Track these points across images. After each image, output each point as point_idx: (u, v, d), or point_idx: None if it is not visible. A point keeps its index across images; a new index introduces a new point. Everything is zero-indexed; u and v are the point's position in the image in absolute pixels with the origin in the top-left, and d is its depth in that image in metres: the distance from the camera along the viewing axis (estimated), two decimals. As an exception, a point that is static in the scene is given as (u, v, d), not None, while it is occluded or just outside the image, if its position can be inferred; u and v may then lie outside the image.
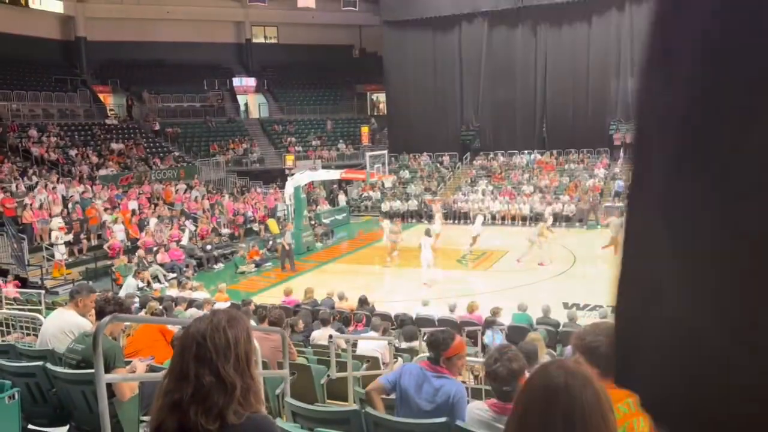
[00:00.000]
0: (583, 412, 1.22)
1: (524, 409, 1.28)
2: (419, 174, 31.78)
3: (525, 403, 1.29)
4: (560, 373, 1.28)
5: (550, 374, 1.29)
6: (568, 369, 1.31)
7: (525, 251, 18.53)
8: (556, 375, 1.28)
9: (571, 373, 1.29)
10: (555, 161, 30.33)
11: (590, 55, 29.84)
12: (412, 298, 14.25)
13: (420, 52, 33.34)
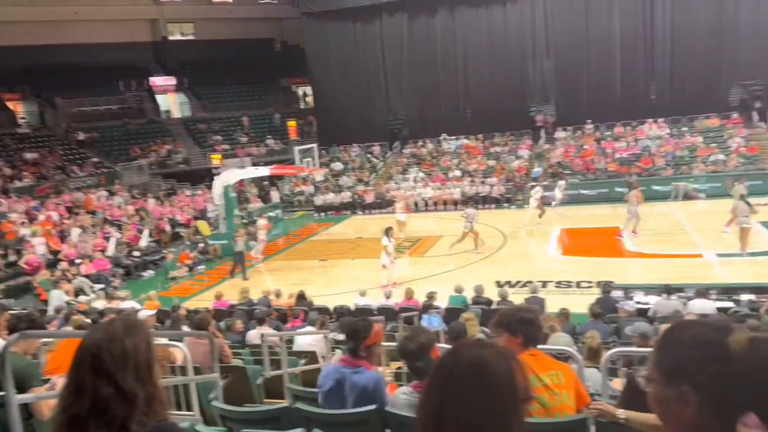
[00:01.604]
0: (492, 386, 1.24)
1: (431, 384, 1.29)
2: (351, 165, 31.74)
3: (433, 379, 1.30)
4: (470, 349, 1.29)
5: (460, 351, 1.31)
6: (480, 345, 1.32)
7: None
8: (466, 351, 1.29)
9: (483, 348, 1.30)
10: (481, 145, 30.95)
11: (507, 39, 30.55)
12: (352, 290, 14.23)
13: (342, 43, 33.19)
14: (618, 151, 27.13)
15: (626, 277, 13.71)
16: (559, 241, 18.64)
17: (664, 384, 1.22)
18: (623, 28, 28.66)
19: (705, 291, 10.21)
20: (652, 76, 29.15)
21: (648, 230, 18.72)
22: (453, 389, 1.24)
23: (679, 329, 1.28)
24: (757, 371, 1.13)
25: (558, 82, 30.27)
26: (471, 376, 1.24)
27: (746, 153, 24.97)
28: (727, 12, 27.20)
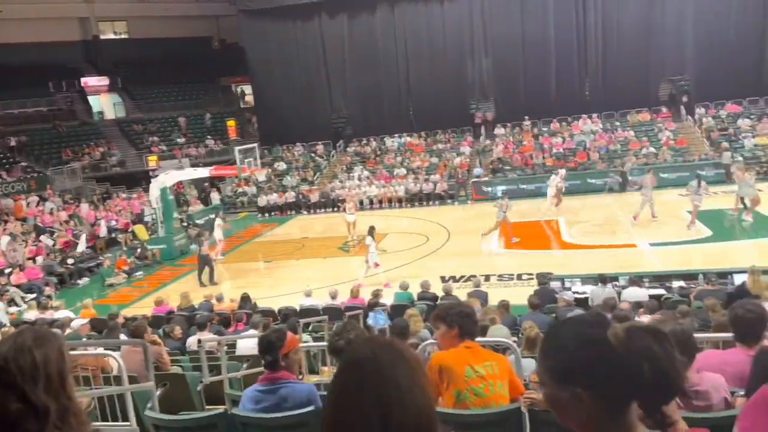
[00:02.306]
0: (388, 384, 1.22)
1: (333, 384, 1.28)
2: (294, 165, 31.44)
3: (334, 379, 1.29)
4: (367, 347, 1.29)
5: (356, 349, 1.31)
6: (377, 343, 1.32)
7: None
8: (363, 349, 1.28)
9: (378, 346, 1.30)
10: (424, 142, 31.24)
11: (446, 38, 30.95)
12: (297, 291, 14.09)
13: (282, 41, 32.81)
14: (555, 146, 27.91)
15: (564, 268, 14.11)
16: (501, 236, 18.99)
17: (556, 387, 1.24)
18: (557, 28, 29.49)
19: (638, 279, 10.62)
20: (586, 73, 30.13)
21: (584, 222, 19.35)
22: (351, 384, 1.22)
23: (560, 332, 1.30)
24: (636, 361, 1.17)
25: (496, 79, 30.88)
26: (369, 371, 1.22)
27: (675, 146, 26.13)
28: (654, 10, 28.38)
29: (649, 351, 1.19)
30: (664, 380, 1.18)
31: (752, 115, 27.00)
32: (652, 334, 1.22)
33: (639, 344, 1.19)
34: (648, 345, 1.19)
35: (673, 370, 1.20)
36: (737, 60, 27.53)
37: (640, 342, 1.20)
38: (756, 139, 25.24)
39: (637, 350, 1.19)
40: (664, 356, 1.19)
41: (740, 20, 27.53)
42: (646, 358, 1.18)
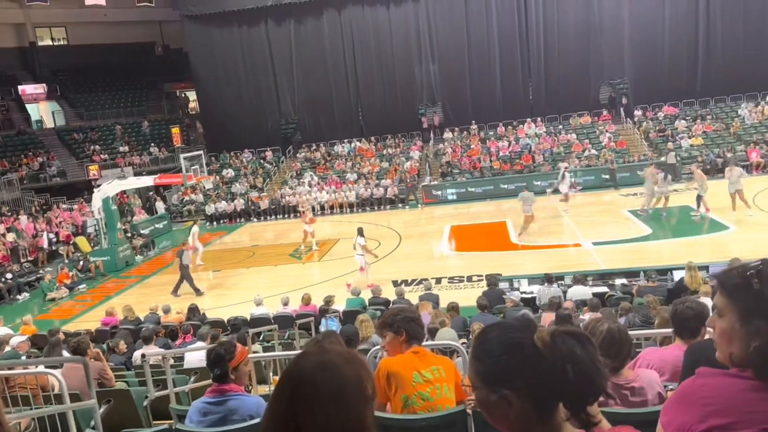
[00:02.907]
0: (341, 389, 1.25)
1: (279, 394, 1.29)
2: (243, 172, 31.02)
3: (280, 389, 1.30)
4: (315, 356, 1.30)
5: (305, 358, 1.32)
6: (324, 351, 1.33)
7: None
8: (311, 358, 1.30)
9: (327, 353, 1.31)
10: (374, 147, 31.35)
11: (394, 43, 31.16)
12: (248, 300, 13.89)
13: (228, 46, 32.35)
14: (501, 149, 28.47)
15: (513, 268, 14.39)
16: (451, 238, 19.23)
17: (485, 390, 1.28)
18: (501, 34, 30.13)
19: (582, 278, 10.94)
20: (529, 77, 30.87)
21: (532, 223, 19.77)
22: (301, 396, 1.24)
23: (489, 336, 1.34)
24: (560, 363, 1.22)
25: (443, 84, 31.29)
26: (319, 379, 1.26)
27: (616, 147, 27.04)
28: (592, 15, 29.33)
29: (572, 354, 1.23)
30: (586, 382, 1.23)
31: (687, 117, 28.21)
32: (575, 338, 1.27)
33: (563, 347, 1.24)
34: (571, 348, 1.24)
35: (595, 372, 1.24)
36: (672, 64, 28.76)
37: (564, 345, 1.24)
38: (692, 139, 26.39)
39: (561, 353, 1.23)
40: (587, 359, 1.24)
41: (674, 26, 28.76)
42: (569, 360, 1.22)
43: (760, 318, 1.28)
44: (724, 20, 28.31)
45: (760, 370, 1.27)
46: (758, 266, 1.33)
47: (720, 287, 1.38)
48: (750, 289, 1.31)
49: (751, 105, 27.73)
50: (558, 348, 1.24)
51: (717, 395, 1.29)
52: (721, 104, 28.81)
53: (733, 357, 1.33)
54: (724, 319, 1.36)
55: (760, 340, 1.27)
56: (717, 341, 1.39)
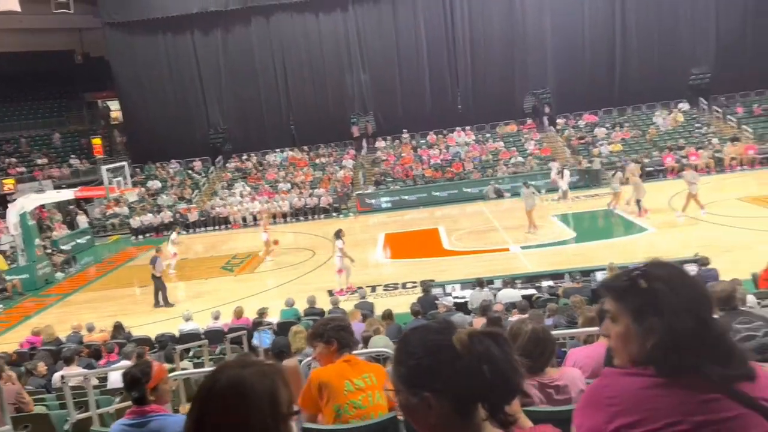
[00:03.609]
0: (250, 404, 1.25)
1: (192, 407, 1.28)
2: (170, 183, 30.10)
3: (193, 402, 1.28)
4: (230, 369, 1.29)
5: (219, 373, 1.31)
6: (242, 365, 1.32)
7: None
8: (226, 372, 1.29)
9: (244, 367, 1.30)
10: (307, 156, 31.17)
11: (324, 51, 31.12)
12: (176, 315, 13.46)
13: (152, 55, 31.39)
14: (432, 157, 28.94)
15: (446, 274, 14.63)
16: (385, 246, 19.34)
17: (407, 393, 1.30)
18: (429, 44, 30.69)
19: (511, 281, 11.25)
20: (457, 87, 31.57)
21: (462, 229, 20.19)
22: (210, 410, 1.23)
23: (409, 339, 1.36)
24: (477, 364, 1.25)
25: (375, 93, 31.52)
26: (228, 396, 1.25)
27: (540, 155, 28.01)
28: (516, 28, 30.34)
29: (488, 353, 1.26)
30: (503, 381, 1.26)
31: (607, 124, 29.60)
32: (492, 338, 1.30)
33: (479, 348, 1.27)
34: (488, 348, 1.27)
35: (511, 371, 1.28)
36: (592, 74, 30.13)
37: (481, 345, 1.27)
38: (611, 146, 27.69)
39: (478, 353, 1.26)
40: (503, 358, 1.27)
41: (593, 38, 30.14)
42: (486, 360, 1.25)
43: (652, 315, 1.34)
44: (638, 33, 29.92)
45: (660, 367, 1.32)
46: (643, 267, 1.40)
47: (609, 293, 1.43)
48: (638, 290, 1.36)
49: (665, 113, 29.41)
50: (475, 348, 1.26)
51: (621, 395, 1.32)
52: (637, 112, 30.39)
53: (633, 357, 1.38)
54: (618, 323, 1.41)
55: (655, 336, 1.33)
56: (614, 346, 1.44)
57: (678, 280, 1.37)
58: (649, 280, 1.36)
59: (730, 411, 1.27)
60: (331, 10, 30.72)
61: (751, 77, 29.09)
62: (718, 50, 29.58)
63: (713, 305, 1.43)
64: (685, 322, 1.31)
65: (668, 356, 1.31)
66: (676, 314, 1.32)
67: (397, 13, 30.68)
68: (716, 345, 1.33)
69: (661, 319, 1.32)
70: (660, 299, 1.34)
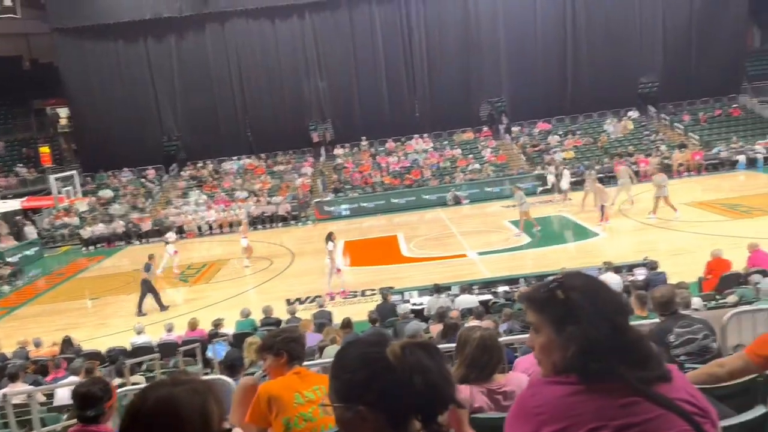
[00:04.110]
0: (179, 423, 1.24)
1: (121, 426, 1.26)
2: (122, 192, 29.37)
3: (122, 421, 1.26)
4: (160, 388, 1.28)
5: (148, 391, 1.29)
6: (173, 383, 1.30)
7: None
8: (155, 390, 1.27)
9: (174, 386, 1.29)
10: (264, 164, 30.89)
11: (280, 58, 30.94)
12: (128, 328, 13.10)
13: (103, 61, 30.61)
14: (391, 165, 29.06)
15: (405, 281, 14.68)
16: (344, 254, 19.28)
17: (343, 407, 1.31)
18: (386, 51, 30.85)
19: (469, 287, 11.36)
20: (415, 95, 31.82)
21: (421, 236, 20.32)
22: (140, 429, 1.21)
23: (345, 353, 1.38)
24: (409, 375, 1.27)
25: (332, 101, 31.49)
26: (159, 415, 1.23)
27: (497, 162, 28.45)
28: (471, 37, 30.80)
29: (420, 364, 1.28)
30: (435, 391, 1.28)
31: (560, 132, 30.28)
32: (423, 349, 1.32)
33: (411, 359, 1.28)
34: (419, 359, 1.29)
35: (443, 381, 1.30)
36: (545, 83, 30.81)
37: (412, 356, 1.29)
38: (564, 153, 28.32)
39: (410, 365, 1.27)
40: (435, 369, 1.29)
41: (545, 48, 30.81)
42: (417, 371, 1.27)
43: (571, 324, 1.38)
44: (589, 44, 30.76)
45: (581, 374, 1.35)
46: (560, 278, 1.44)
47: (530, 305, 1.47)
48: (557, 300, 1.41)
49: (616, 120, 30.29)
50: (407, 359, 1.28)
51: (547, 403, 1.35)
52: (589, 120, 31.20)
53: (556, 366, 1.41)
54: (540, 334, 1.45)
55: (575, 344, 1.36)
56: (538, 357, 1.47)
57: (593, 290, 1.42)
58: (565, 291, 1.40)
59: (649, 413, 1.31)
60: (288, 16, 30.58)
61: (696, 86, 30.29)
62: (665, 60, 30.68)
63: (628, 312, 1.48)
64: (601, 330, 1.35)
65: (588, 363, 1.34)
66: (592, 322, 1.36)
67: (353, 21, 30.76)
68: (633, 350, 1.37)
69: (579, 328, 1.36)
70: (577, 309, 1.38)
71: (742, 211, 18.20)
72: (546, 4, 30.49)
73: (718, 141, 27.49)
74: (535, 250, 16.71)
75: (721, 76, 30.07)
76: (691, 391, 1.39)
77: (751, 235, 13.71)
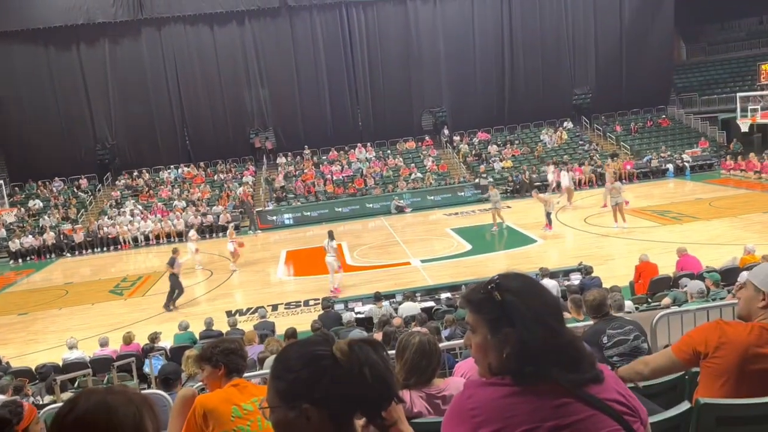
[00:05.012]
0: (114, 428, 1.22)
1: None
2: (53, 202, 28.12)
3: (54, 425, 1.22)
4: (91, 396, 1.24)
5: (77, 400, 1.26)
6: (106, 392, 1.28)
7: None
8: (85, 400, 1.23)
9: (108, 394, 1.27)
10: (203, 173, 30.25)
11: (220, 65, 30.42)
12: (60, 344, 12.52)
13: (33, 67, 29.21)
14: (334, 173, 29.01)
15: (349, 289, 14.64)
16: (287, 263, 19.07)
17: (284, 408, 1.29)
18: (328, 61, 30.83)
19: (412, 294, 11.43)
20: (357, 104, 31.93)
21: (365, 244, 20.34)
22: None
23: (287, 354, 1.36)
24: (358, 369, 1.28)
25: (274, 109, 31.21)
26: (90, 423, 1.21)
27: (438, 170, 28.84)
28: (411, 48, 31.19)
29: (369, 358, 1.29)
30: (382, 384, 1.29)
31: (499, 142, 31.01)
32: (370, 345, 1.34)
33: (360, 354, 1.29)
34: (367, 353, 1.30)
35: (388, 375, 1.32)
36: (484, 94, 31.55)
37: (361, 351, 1.30)
38: (503, 162, 29.01)
39: (359, 359, 1.28)
40: (381, 362, 1.31)
41: (483, 59, 31.53)
42: (367, 363, 1.28)
43: (506, 326, 1.40)
44: (525, 57, 31.70)
45: (515, 375, 1.38)
46: (496, 280, 1.46)
47: (468, 306, 1.49)
48: (493, 302, 1.43)
49: (551, 131, 31.28)
50: (356, 354, 1.29)
51: (482, 405, 1.37)
52: (526, 130, 32.10)
53: (492, 367, 1.43)
54: (477, 334, 1.47)
55: (510, 346, 1.39)
56: (475, 357, 1.49)
57: (529, 291, 1.44)
58: (502, 292, 1.42)
59: (581, 414, 1.34)
60: (227, 22, 30.09)
61: (627, 98, 31.69)
62: (597, 73, 31.96)
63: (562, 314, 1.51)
64: (535, 332, 1.37)
65: (522, 365, 1.37)
66: (527, 325, 1.38)
67: (294, 29, 30.60)
68: (566, 352, 1.40)
69: (515, 330, 1.38)
70: (513, 311, 1.40)
71: (672, 217, 19.10)
72: (484, 18, 31.26)
73: (648, 150, 28.81)
74: (477, 257, 16.99)
75: (651, 89, 31.59)
76: (622, 391, 1.43)
77: (680, 240, 14.43)
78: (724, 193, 22.38)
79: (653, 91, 31.73)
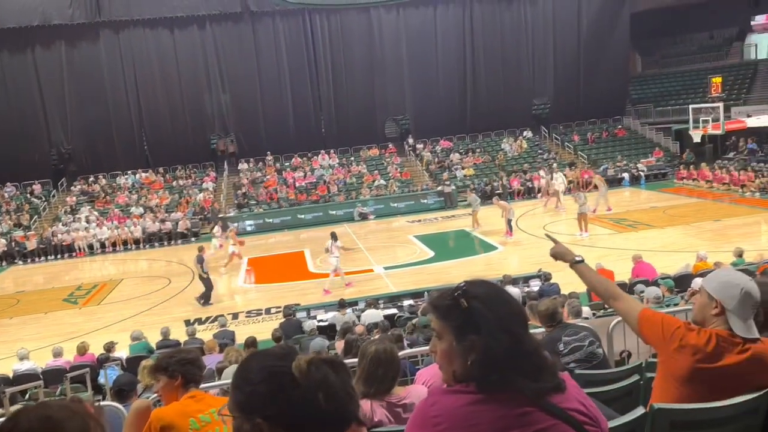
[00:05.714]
0: None
1: None
2: (5, 208, 27.18)
3: None
4: (33, 411, 1.20)
5: (20, 414, 1.22)
6: (46, 406, 1.24)
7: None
8: (27, 414, 1.20)
9: (48, 408, 1.24)
10: (162, 179, 29.68)
11: (180, 70, 29.95)
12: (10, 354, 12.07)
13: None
14: (297, 180, 28.84)
15: (311, 297, 14.52)
16: (248, 271, 18.83)
17: (241, 419, 1.27)
18: (291, 66, 30.70)
19: (375, 301, 11.41)
20: (321, 111, 31.87)
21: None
22: None
23: (248, 365, 1.34)
24: (314, 390, 1.25)
25: (236, 115, 30.88)
26: None
27: (402, 178, 28.96)
28: (375, 56, 31.32)
29: (325, 381, 1.26)
30: (338, 408, 1.26)
31: (461, 150, 31.34)
32: (330, 365, 1.30)
33: (317, 375, 1.26)
34: (325, 375, 1.27)
35: (347, 398, 1.28)
36: (446, 102, 31.87)
37: (318, 372, 1.27)
38: (465, 170, 29.33)
39: (315, 380, 1.25)
40: (339, 385, 1.28)
41: (446, 69, 31.88)
42: (321, 387, 1.25)
43: (471, 333, 1.40)
44: (486, 67, 32.19)
45: (480, 383, 1.38)
46: (463, 287, 1.46)
47: (434, 312, 1.49)
48: (459, 309, 1.42)
49: (512, 140, 31.78)
50: (312, 375, 1.26)
51: (446, 413, 1.36)
52: (487, 139, 32.53)
53: (456, 374, 1.43)
54: (443, 341, 1.46)
55: (475, 353, 1.39)
56: (440, 363, 1.48)
57: (495, 299, 1.44)
58: (468, 299, 1.42)
59: (543, 422, 1.36)
60: (187, 26, 29.66)
61: (585, 108, 32.45)
62: (556, 84, 32.66)
63: (527, 322, 1.53)
64: (500, 340, 1.38)
65: (487, 373, 1.37)
66: (492, 333, 1.38)
67: (257, 33, 30.38)
68: (530, 361, 1.40)
69: (480, 338, 1.38)
70: (479, 318, 1.40)
71: (627, 225, 19.60)
72: (446, 28, 31.66)
73: (605, 159, 29.53)
74: (439, 264, 17.09)
75: (607, 100, 32.43)
76: (583, 401, 1.45)
77: (635, 248, 14.81)
78: (677, 202, 23.08)
79: (610, 102, 32.57)
